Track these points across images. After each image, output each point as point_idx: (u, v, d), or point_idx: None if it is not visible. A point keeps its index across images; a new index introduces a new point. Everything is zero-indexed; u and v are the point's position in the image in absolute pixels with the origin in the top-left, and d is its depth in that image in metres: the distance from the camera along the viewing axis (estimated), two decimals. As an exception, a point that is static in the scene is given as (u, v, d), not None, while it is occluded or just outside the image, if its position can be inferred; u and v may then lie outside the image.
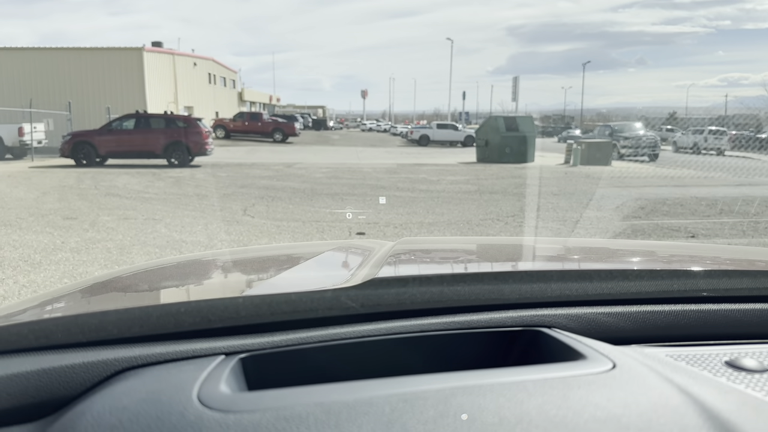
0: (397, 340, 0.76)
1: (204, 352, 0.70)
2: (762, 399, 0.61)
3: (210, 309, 0.75)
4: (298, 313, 0.76)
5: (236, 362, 0.68)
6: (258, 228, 7.68)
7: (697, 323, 0.85)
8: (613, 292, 0.87)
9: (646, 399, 0.58)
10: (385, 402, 0.55)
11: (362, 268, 0.93)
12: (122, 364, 0.67)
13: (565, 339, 0.74)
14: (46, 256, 5.88)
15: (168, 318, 0.74)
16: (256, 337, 0.73)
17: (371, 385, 0.59)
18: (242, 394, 0.60)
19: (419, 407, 0.55)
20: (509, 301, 0.83)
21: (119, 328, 0.73)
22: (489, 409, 0.55)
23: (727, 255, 1.41)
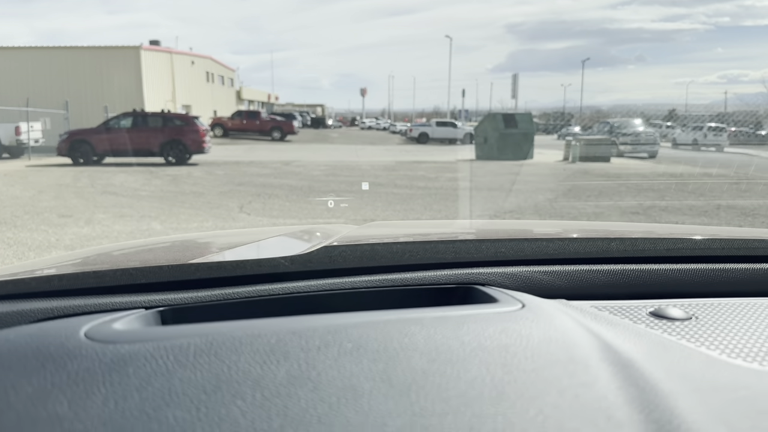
0: (329, 295, 0.76)
1: (123, 305, 0.70)
2: (675, 341, 0.62)
3: (131, 266, 0.77)
4: (225, 270, 0.77)
5: (152, 313, 0.69)
6: (253, 225, 7.65)
7: (635, 281, 0.85)
8: (547, 251, 0.87)
9: (542, 333, 0.58)
10: (272, 334, 0.56)
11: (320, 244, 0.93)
12: (38, 315, 0.68)
13: (492, 292, 0.75)
14: (40, 254, 5.86)
15: (86, 273, 0.76)
16: (181, 293, 0.73)
17: (266, 323, 0.59)
18: (132, 329, 0.60)
19: (305, 338, 0.56)
20: (445, 260, 0.84)
21: (37, 281, 0.75)
22: (375, 339, 0.55)
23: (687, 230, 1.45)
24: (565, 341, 0.56)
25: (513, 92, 54.56)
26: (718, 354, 0.60)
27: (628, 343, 0.58)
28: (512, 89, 54.74)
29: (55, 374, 0.51)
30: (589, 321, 0.64)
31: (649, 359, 0.55)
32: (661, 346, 0.59)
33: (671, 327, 0.67)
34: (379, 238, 1.12)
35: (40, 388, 0.49)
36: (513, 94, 54.70)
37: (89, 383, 0.49)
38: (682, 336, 0.65)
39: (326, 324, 0.59)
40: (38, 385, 0.50)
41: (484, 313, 0.63)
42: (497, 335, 0.57)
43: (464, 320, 0.60)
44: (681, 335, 0.65)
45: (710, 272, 0.87)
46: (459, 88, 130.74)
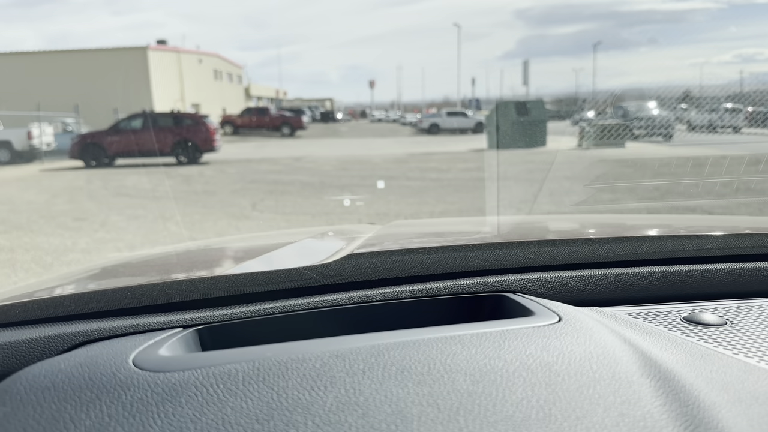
0: (361, 308, 0.76)
1: (161, 324, 0.70)
2: (712, 349, 0.61)
3: (167, 284, 0.76)
4: (258, 286, 0.76)
5: (191, 333, 0.68)
6: (267, 222, 7.63)
7: (666, 284, 0.83)
8: (577, 255, 0.86)
9: (583, 349, 0.57)
10: (317, 358, 0.56)
11: (344, 249, 0.91)
12: (79, 338, 0.68)
13: (524, 301, 0.74)
14: (57, 258, 5.89)
15: (124, 293, 0.75)
16: (216, 310, 0.73)
17: (309, 345, 0.59)
18: (178, 356, 0.60)
19: (350, 361, 0.56)
20: (474, 268, 0.83)
21: (76, 303, 0.74)
22: (419, 360, 0.54)
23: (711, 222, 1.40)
24: (606, 357, 0.56)
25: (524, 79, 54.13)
26: (756, 361, 0.60)
27: (667, 354, 0.58)
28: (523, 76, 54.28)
29: (110, 406, 0.51)
30: (626, 331, 0.63)
31: (689, 370, 0.55)
32: (699, 356, 0.59)
33: (707, 333, 0.67)
34: (404, 243, 1.10)
35: (98, 420, 0.50)
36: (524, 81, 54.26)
37: (145, 415, 0.50)
38: (718, 343, 0.64)
39: (368, 345, 0.58)
40: (96, 418, 0.50)
41: (523, 328, 0.63)
42: (539, 353, 0.57)
43: (504, 337, 0.60)
44: (717, 342, 0.65)
45: (742, 272, 0.86)
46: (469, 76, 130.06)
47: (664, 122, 25.22)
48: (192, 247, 1.49)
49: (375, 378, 0.53)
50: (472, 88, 60.24)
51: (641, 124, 24.95)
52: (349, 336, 0.62)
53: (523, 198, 9.10)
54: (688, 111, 33.31)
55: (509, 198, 9.12)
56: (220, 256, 1.29)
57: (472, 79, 61.11)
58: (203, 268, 1.11)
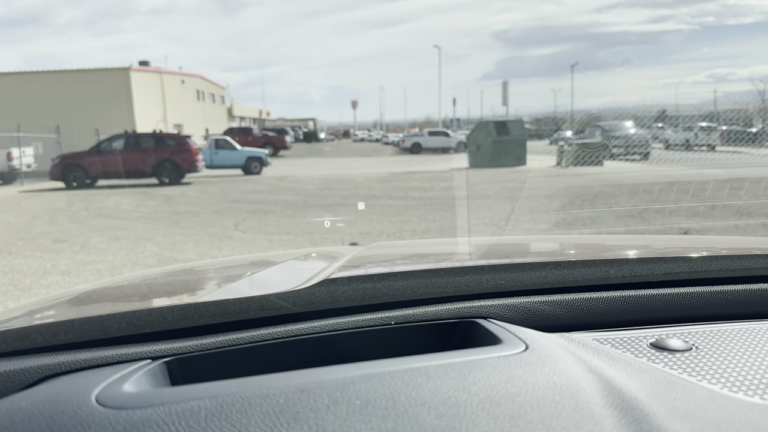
0: (334, 337, 0.75)
1: (129, 356, 0.69)
2: (677, 376, 0.62)
3: (135, 314, 0.75)
4: (228, 315, 0.75)
5: (159, 365, 0.68)
6: (249, 243, 7.62)
7: (634, 308, 0.85)
8: (547, 280, 0.87)
9: (547, 379, 0.58)
10: (281, 393, 0.56)
11: (319, 275, 0.92)
12: (46, 371, 0.67)
13: (493, 328, 0.74)
14: (36, 280, 5.82)
15: (92, 324, 0.74)
16: (185, 341, 0.72)
17: (273, 379, 0.59)
18: (142, 392, 0.60)
19: (314, 396, 0.55)
20: (446, 294, 0.83)
21: (43, 336, 0.72)
22: (383, 394, 0.55)
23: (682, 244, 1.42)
24: (569, 387, 0.56)
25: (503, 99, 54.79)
26: (719, 388, 0.60)
27: (632, 381, 0.58)
28: (503, 96, 54.97)
29: None
30: (592, 358, 0.64)
31: (653, 398, 0.55)
32: (664, 383, 0.59)
33: (672, 359, 0.67)
34: (379, 269, 1.11)
35: None
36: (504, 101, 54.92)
37: None
38: (683, 369, 0.65)
39: (334, 378, 0.58)
40: None
41: (489, 358, 0.63)
42: (503, 384, 0.57)
43: (470, 368, 0.60)
44: (682, 369, 0.65)
45: (709, 295, 0.87)
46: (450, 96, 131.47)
47: (641, 141, 25.66)
48: (168, 271, 1.47)
49: (339, 413, 0.53)
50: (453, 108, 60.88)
51: (619, 143, 25.35)
52: (315, 369, 0.62)
53: (503, 216, 9.20)
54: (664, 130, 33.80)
55: (490, 216, 9.22)
56: (194, 282, 1.27)
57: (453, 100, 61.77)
58: (175, 296, 1.09)
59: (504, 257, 1.22)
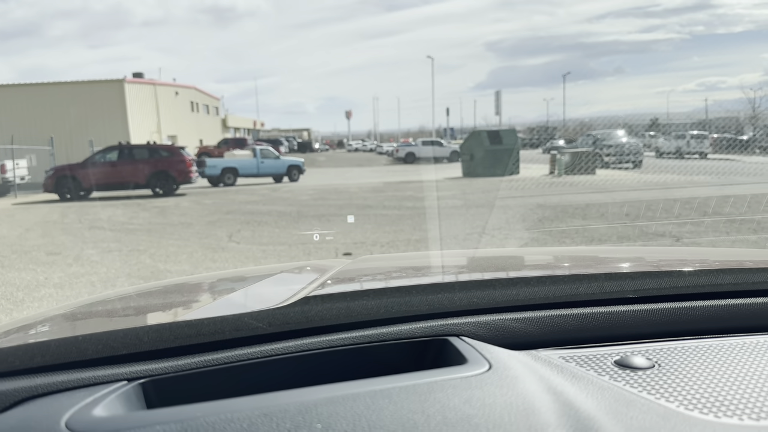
0: (308, 356, 0.77)
1: (105, 378, 0.70)
2: (636, 394, 0.64)
3: (111, 336, 0.76)
4: (203, 336, 0.77)
5: (134, 387, 0.69)
6: (243, 254, 7.63)
7: (604, 324, 0.86)
8: (518, 298, 0.88)
9: (504, 399, 0.59)
10: (245, 418, 0.57)
11: (303, 290, 0.93)
12: (22, 394, 0.67)
13: (461, 346, 0.76)
14: (29, 293, 5.81)
15: (68, 347, 0.74)
16: (161, 362, 0.73)
17: (238, 403, 0.60)
18: (110, 416, 0.61)
19: (277, 420, 0.56)
20: (419, 312, 0.84)
21: (20, 359, 0.73)
22: (345, 417, 0.56)
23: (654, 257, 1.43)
24: (525, 408, 0.58)
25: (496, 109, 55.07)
26: (675, 406, 0.61)
27: (591, 400, 0.60)
28: (495, 106, 55.26)
29: None
30: (555, 377, 0.66)
31: (611, 416, 0.56)
32: (623, 400, 0.61)
33: (634, 377, 0.69)
34: (357, 285, 1.13)
35: None
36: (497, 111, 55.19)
37: None
38: (643, 387, 0.66)
39: (297, 402, 0.60)
40: None
41: (451, 378, 0.64)
42: (461, 406, 0.58)
43: (431, 389, 0.62)
44: (642, 387, 0.66)
45: (675, 311, 0.88)
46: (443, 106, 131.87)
47: (633, 149, 25.79)
48: (151, 288, 1.47)
49: None
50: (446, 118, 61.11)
51: (611, 151, 25.46)
52: (279, 392, 0.63)
53: (497, 225, 9.24)
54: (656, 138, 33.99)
55: (483, 225, 9.27)
56: (175, 300, 1.28)
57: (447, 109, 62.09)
58: (153, 315, 1.11)
59: (478, 273, 1.24)
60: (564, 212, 10.48)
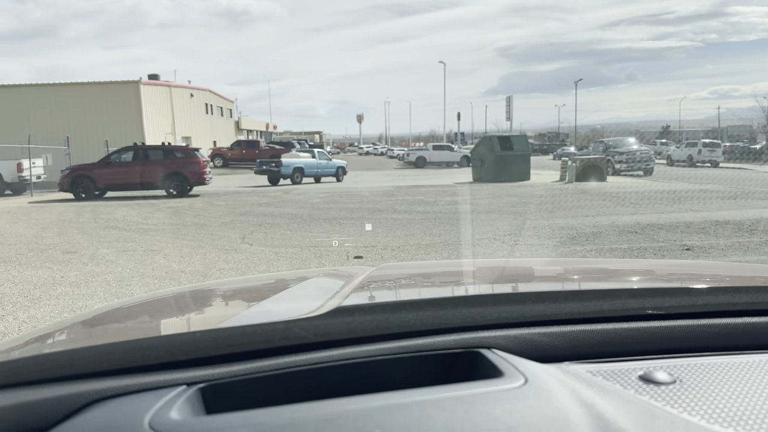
0: (351, 365, 0.82)
1: (167, 383, 0.75)
2: (661, 408, 0.68)
3: (171, 343, 0.83)
4: (255, 344, 0.82)
5: (195, 391, 0.75)
6: (256, 255, 7.72)
7: (626, 340, 0.91)
8: (546, 313, 0.93)
9: (543, 412, 0.65)
10: (310, 422, 0.62)
11: (334, 298, 0.99)
12: (92, 396, 0.73)
13: (494, 359, 0.81)
14: (46, 291, 5.92)
15: (133, 352, 0.80)
16: (217, 367, 0.79)
17: (301, 408, 0.66)
18: (190, 419, 0.67)
19: (339, 426, 0.61)
20: (453, 325, 0.90)
21: (89, 362, 0.79)
22: (400, 424, 0.61)
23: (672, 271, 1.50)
24: (563, 420, 0.63)
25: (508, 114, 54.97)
26: (698, 420, 0.65)
27: (620, 413, 0.64)
28: (507, 111, 55.17)
29: None
30: (585, 390, 0.71)
31: (639, 429, 0.61)
32: (649, 414, 0.65)
33: (658, 392, 0.72)
34: (390, 296, 1.19)
35: None
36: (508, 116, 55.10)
37: None
38: (667, 402, 0.69)
39: (355, 409, 0.65)
40: None
41: (493, 391, 0.69)
42: (504, 417, 0.63)
43: (476, 400, 0.67)
44: (666, 401, 0.70)
45: (695, 329, 0.93)
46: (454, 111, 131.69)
47: (644, 157, 25.65)
48: (189, 290, 1.55)
49: None
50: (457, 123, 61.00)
51: (622, 158, 25.36)
52: (338, 399, 0.68)
53: (507, 231, 9.28)
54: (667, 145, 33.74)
55: (494, 231, 9.29)
56: (218, 305, 1.35)
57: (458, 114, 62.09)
58: (203, 321, 1.18)
59: (508, 286, 1.31)
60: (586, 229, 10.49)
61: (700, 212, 11.14)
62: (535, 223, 10.14)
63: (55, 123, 30.58)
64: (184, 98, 39.66)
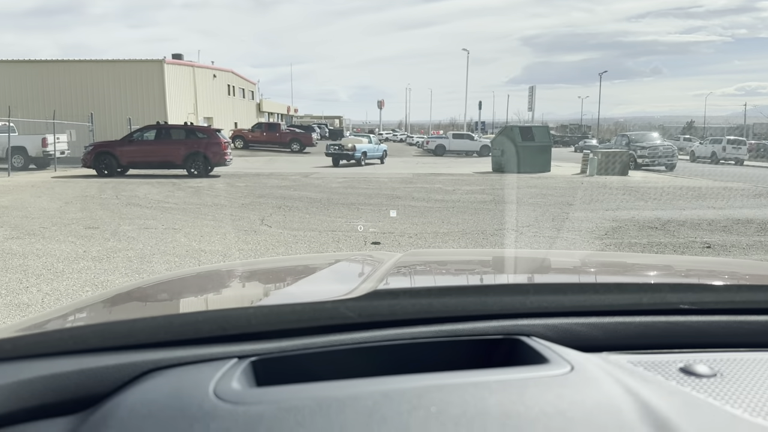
0: (392, 346, 0.84)
1: (220, 355, 0.79)
2: (704, 400, 0.68)
3: (224, 318, 0.85)
4: (303, 322, 0.85)
5: (247, 364, 0.77)
6: (275, 238, 7.79)
7: (664, 333, 0.92)
8: (585, 304, 0.95)
9: (592, 398, 0.66)
10: (368, 396, 0.64)
11: (367, 281, 1.01)
12: (148, 366, 0.76)
13: (536, 346, 0.82)
14: (69, 265, 6.03)
15: (188, 326, 0.84)
16: (266, 342, 0.82)
17: (359, 383, 0.68)
18: (251, 389, 0.70)
19: (396, 401, 0.63)
20: (493, 312, 0.91)
21: (147, 334, 0.82)
22: (455, 403, 0.63)
23: (706, 268, 1.50)
24: (612, 407, 0.64)
25: (530, 104, 54.45)
26: (741, 412, 0.65)
27: (664, 402, 0.65)
28: (529, 101, 54.64)
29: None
30: (629, 380, 0.71)
31: (683, 418, 0.61)
32: (692, 405, 0.65)
33: (699, 384, 0.73)
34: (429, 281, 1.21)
35: None
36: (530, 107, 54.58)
37: None
38: (709, 394, 0.70)
39: (410, 387, 0.66)
40: None
41: (541, 376, 0.71)
42: (555, 401, 0.64)
43: (525, 384, 0.68)
44: (708, 393, 0.70)
45: (735, 324, 0.93)
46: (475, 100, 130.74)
47: (667, 152, 25.27)
48: (226, 269, 1.58)
49: (419, 418, 0.60)
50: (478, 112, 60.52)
51: (645, 153, 25.00)
52: (393, 377, 0.70)
53: (525, 222, 9.25)
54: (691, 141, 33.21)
55: (512, 222, 9.27)
56: (260, 284, 1.39)
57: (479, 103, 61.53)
58: (249, 298, 1.21)
59: (545, 276, 1.33)
60: (594, 213, 10.42)
61: (722, 210, 10.99)
62: (554, 215, 10.08)
63: (79, 99, 30.92)
64: (206, 79, 39.83)
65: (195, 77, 37.46)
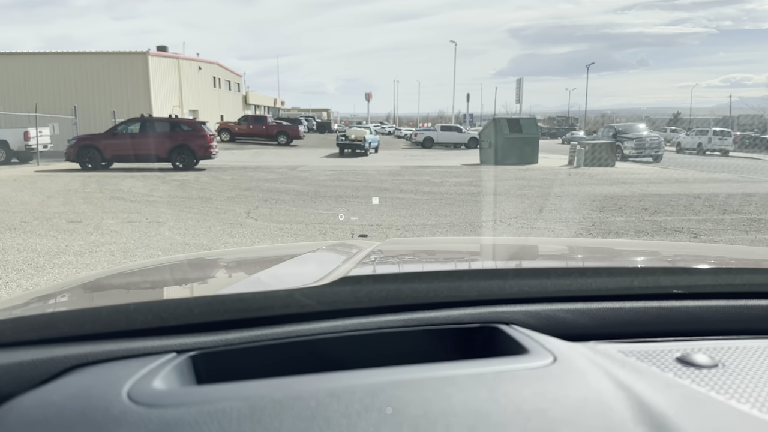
0: (356, 338, 0.76)
1: (155, 349, 0.70)
2: (705, 393, 0.61)
3: (162, 307, 0.76)
4: (252, 311, 0.76)
5: (185, 359, 0.68)
6: (261, 230, 7.71)
7: (657, 320, 0.84)
8: (571, 288, 0.86)
9: (577, 393, 0.58)
10: (312, 396, 0.56)
11: (338, 269, 0.93)
12: (71, 362, 0.68)
13: (516, 335, 0.74)
14: (50, 260, 5.93)
15: (119, 316, 0.74)
16: (210, 335, 0.73)
17: (303, 381, 0.59)
18: (181, 388, 0.61)
19: (345, 401, 0.55)
20: (468, 298, 0.83)
21: (71, 325, 0.73)
22: (414, 402, 0.55)
23: (700, 252, 1.43)
24: (600, 403, 0.56)
25: (517, 96, 54.55)
26: (748, 408, 0.59)
27: (660, 397, 0.58)
28: (517, 93, 54.74)
29: None
30: (619, 371, 0.64)
31: (682, 415, 0.54)
32: (692, 400, 0.59)
33: (699, 376, 0.66)
34: (400, 267, 1.12)
35: None
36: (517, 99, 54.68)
37: None
38: (710, 387, 0.63)
39: (364, 383, 0.58)
40: None
41: (518, 369, 0.63)
42: (533, 397, 0.56)
43: (499, 379, 0.60)
44: (710, 386, 0.63)
45: (733, 309, 0.86)
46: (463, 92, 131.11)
47: (653, 143, 25.45)
48: (188, 259, 1.47)
49: (371, 421, 0.52)
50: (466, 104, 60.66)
51: (631, 144, 25.16)
52: (344, 372, 0.62)
53: (513, 213, 9.23)
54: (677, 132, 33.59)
55: (500, 213, 9.26)
56: (215, 273, 1.28)
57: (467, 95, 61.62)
58: (199, 287, 1.11)
59: (527, 261, 1.23)
60: (582, 204, 10.44)
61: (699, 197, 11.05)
62: (541, 206, 10.08)
63: (62, 92, 30.52)
64: (192, 71, 39.46)
65: (180, 69, 37.10)
